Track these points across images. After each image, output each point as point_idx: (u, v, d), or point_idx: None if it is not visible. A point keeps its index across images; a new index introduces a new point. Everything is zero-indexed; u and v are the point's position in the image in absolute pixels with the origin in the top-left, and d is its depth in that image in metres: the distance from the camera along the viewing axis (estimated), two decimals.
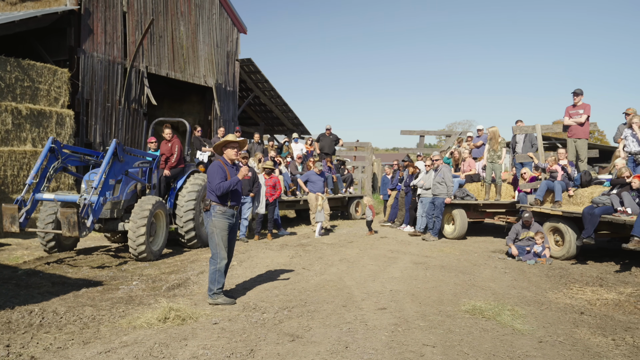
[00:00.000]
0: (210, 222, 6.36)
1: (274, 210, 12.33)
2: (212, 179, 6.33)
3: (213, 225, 6.35)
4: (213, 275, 6.31)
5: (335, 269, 8.53)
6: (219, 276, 6.31)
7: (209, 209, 6.37)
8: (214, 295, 6.30)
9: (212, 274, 6.31)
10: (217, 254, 6.35)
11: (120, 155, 8.67)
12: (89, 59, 13.93)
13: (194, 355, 4.50)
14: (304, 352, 4.63)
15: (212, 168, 6.42)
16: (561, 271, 8.62)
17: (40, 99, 12.03)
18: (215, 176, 6.31)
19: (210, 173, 6.41)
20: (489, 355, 4.64)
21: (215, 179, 6.29)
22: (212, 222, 6.35)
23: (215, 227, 6.34)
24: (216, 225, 6.34)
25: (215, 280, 6.30)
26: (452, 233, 12.55)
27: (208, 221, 6.40)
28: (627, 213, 8.62)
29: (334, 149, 17.73)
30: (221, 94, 19.21)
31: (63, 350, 4.61)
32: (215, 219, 6.34)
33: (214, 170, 6.38)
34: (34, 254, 9.22)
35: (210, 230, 6.38)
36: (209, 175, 6.41)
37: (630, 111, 10.79)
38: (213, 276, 6.31)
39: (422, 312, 6.00)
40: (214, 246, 6.37)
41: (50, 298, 6.32)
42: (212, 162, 6.61)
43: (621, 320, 5.87)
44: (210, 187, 6.35)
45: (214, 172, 6.35)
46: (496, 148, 12.28)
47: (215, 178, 6.29)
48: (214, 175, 6.33)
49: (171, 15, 16.85)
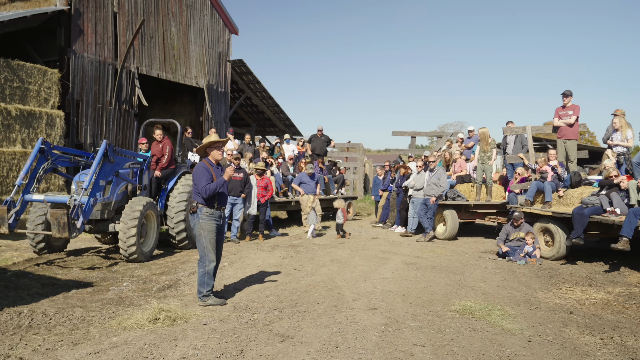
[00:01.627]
0: (198, 225, 6.29)
1: (265, 211, 12.32)
2: (198, 181, 6.25)
3: (200, 227, 6.28)
4: (202, 278, 6.25)
5: (327, 269, 8.53)
6: (208, 278, 6.26)
7: (196, 211, 6.30)
8: (203, 297, 6.25)
9: (202, 277, 6.26)
10: (205, 257, 6.29)
11: (111, 156, 8.63)
12: (79, 59, 13.87)
13: (184, 355, 4.49)
14: (295, 352, 4.63)
15: (198, 170, 6.32)
16: (551, 271, 8.68)
17: (30, 99, 11.96)
18: (201, 178, 6.22)
19: (195, 175, 6.32)
20: (478, 354, 4.66)
21: (201, 181, 6.21)
22: (199, 225, 6.28)
23: (203, 230, 6.27)
24: (204, 227, 6.27)
25: (205, 283, 6.25)
26: (443, 234, 12.59)
27: (195, 223, 6.33)
28: (616, 213, 8.70)
29: (325, 150, 17.75)
30: (213, 95, 19.18)
31: (52, 351, 4.59)
32: (202, 221, 6.27)
33: (200, 172, 6.28)
34: (24, 255, 9.16)
35: (198, 232, 6.31)
36: (195, 177, 6.31)
37: (619, 112, 10.87)
38: (202, 279, 6.25)
39: (413, 312, 6.02)
40: (202, 249, 6.31)
41: (39, 299, 6.28)
42: (197, 164, 6.52)
43: (609, 320, 5.92)
44: (197, 189, 6.27)
45: (200, 174, 6.26)
46: (486, 149, 12.34)
47: (202, 180, 6.21)
48: (199, 177, 6.25)
49: (162, 16, 16.81)
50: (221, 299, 6.35)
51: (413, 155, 18.03)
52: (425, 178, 12.56)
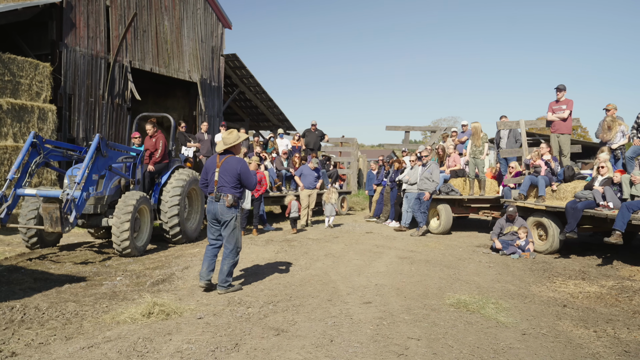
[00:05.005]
0: (235, 218, 6.56)
1: (259, 206, 12.30)
2: (251, 177, 6.56)
3: (237, 221, 6.59)
4: (231, 268, 6.58)
5: (321, 263, 8.53)
6: (233, 269, 6.63)
7: (236, 204, 6.53)
8: (230, 286, 6.58)
9: (231, 267, 6.58)
10: (236, 249, 6.61)
11: (104, 151, 8.58)
12: (71, 53, 13.76)
13: (178, 349, 4.47)
14: (289, 345, 4.62)
15: (246, 166, 6.57)
16: (544, 265, 8.72)
17: (22, 93, 11.85)
18: (252, 175, 6.57)
19: (247, 171, 6.54)
20: (473, 347, 4.67)
21: (254, 177, 6.57)
22: (237, 218, 6.58)
23: (238, 222, 6.60)
24: (239, 220, 6.62)
25: (231, 273, 6.61)
26: (437, 228, 12.62)
27: (233, 217, 6.53)
28: (609, 207, 8.74)
29: (319, 144, 17.73)
30: (206, 90, 19.10)
31: (45, 345, 4.55)
32: (239, 215, 6.61)
33: (247, 167, 6.58)
34: (16, 250, 9.09)
35: (234, 225, 6.57)
36: (248, 173, 6.54)
37: (610, 107, 10.90)
38: (231, 269, 6.58)
39: (407, 305, 6.02)
40: (235, 241, 6.59)
41: (32, 294, 6.24)
42: (241, 160, 6.65)
43: (603, 313, 5.95)
44: (250, 185, 6.59)
45: (248, 169, 6.57)
46: (478, 144, 12.36)
47: (254, 177, 6.56)
48: (250, 172, 6.56)
49: (155, 9, 16.69)
50: (239, 286, 6.77)
51: (407, 150, 18.03)
52: (418, 172, 12.57)
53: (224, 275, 6.53)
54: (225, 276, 6.54)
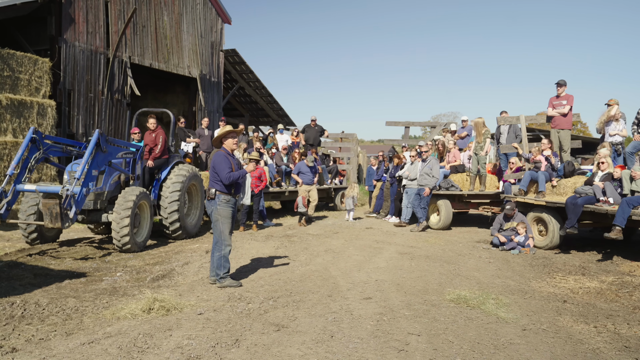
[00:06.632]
0: (215, 211, 6.63)
1: (259, 202, 12.29)
2: (220, 168, 6.55)
3: (218, 213, 6.63)
4: (219, 261, 6.65)
5: (321, 259, 8.53)
6: (224, 261, 6.65)
7: (214, 197, 6.58)
8: (221, 279, 6.63)
9: (218, 260, 6.65)
10: (222, 241, 6.66)
11: (103, 146, 8.55)
12: (70, 48, 13.71)
13: (178, 345, 4.47)
14: (290, 341, 4.62)
15: (219, 158, 6.61)
16: (544, 260, 8.72)
17: (21, 89, 11.81)
18: (223, 166, 6.55)
19: (217, 163, 6.60)
20: (473, 343, 4.67)
21: (224, 168, 6.53)
22: (217, 211, 6.62)
23: (220, 215, 6.63)
24: (221, 213, 6.63)
25: (221, 266, 6.64)
26: (437, 223, 12.62)
27: (213, 210, 6.64)
28: (609, 203, 8.73)
29: (319, 140, 17.70)
30: (205, 85, 19.05)
31: (45, 341, 4.55)
32: (220, 208, 6.62)
33: (221, 160, 6.59)
34: (16, 245, 9.09)
35: (215, 218, 6.64)
36: (216, 165, 6.59)
37: (612, 102, 10.89)
38: (219, 262, 6.64)
39: (407, 301, 6.03)
40: (219, 234, 6.65)
41: (32, 290, 6.23)
42: (217, 152, 6.78)
43: (603, 308, 5.95)
44: (218, 177, 6.56)
45: (222, 162, 6.58)
46: (479, 140, 12.35)
47: (224, 168, 6.53)
48: (222, 165, 6.56)
49: (154, 4, 16.63)
50: (237, 281, 6.73)
51: (407, 146, 18.01)
52: (418, 168, 12.56)
53: (215, 269, 6.70)
54: (215, 269, 6.70)
